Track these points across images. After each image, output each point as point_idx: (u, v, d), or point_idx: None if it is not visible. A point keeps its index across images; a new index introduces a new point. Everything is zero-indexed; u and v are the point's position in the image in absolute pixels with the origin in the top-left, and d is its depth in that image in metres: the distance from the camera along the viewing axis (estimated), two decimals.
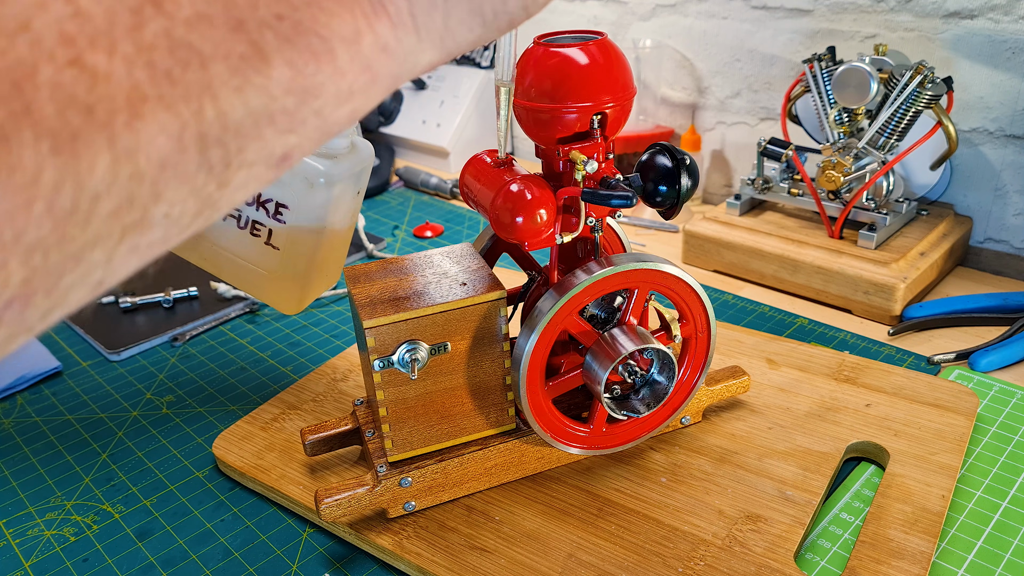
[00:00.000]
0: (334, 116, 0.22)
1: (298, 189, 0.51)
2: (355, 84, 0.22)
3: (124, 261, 0.19)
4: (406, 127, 1.27)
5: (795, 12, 0.90)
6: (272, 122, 0.20)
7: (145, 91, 0.17)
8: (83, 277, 0.18)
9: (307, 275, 0.55)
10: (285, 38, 0.20)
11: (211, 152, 0.19)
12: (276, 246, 0.54)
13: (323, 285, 0.59)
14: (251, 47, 0.19)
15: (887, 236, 0.79)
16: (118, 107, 0.17)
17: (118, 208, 0.18)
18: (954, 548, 0.50)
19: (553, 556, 0.49)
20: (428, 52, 0.25)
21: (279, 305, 0.57)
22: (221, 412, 0.68)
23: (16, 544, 0.55)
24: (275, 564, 0.52)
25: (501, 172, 0.50)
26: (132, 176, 0.17)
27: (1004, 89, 0.78)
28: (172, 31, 0.18)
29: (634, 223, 1.00)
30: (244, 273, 0.56)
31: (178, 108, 0.18)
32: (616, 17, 1.09)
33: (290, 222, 0.52)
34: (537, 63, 0.47)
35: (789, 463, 0.55)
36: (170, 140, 0.18)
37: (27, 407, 0.70)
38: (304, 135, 0.22)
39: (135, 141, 0.17)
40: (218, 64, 0.19)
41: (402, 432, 0.52)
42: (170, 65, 0.18)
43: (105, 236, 0.18)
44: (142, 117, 0.17)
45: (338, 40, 0.21)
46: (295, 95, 0.21)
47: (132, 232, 0.18)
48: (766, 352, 0.68)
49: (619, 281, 0.49)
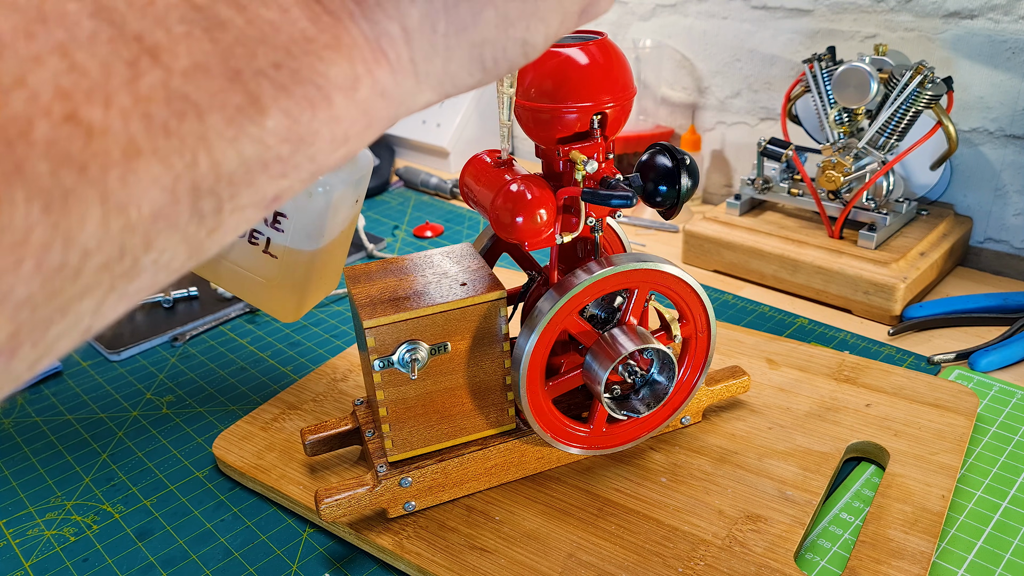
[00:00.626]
0: (328, 160, 0.22)
1: (296, 197, 0.51)
2: (351, 130, 0.22)
3: (113, 308, 0.19)
4: (406, 127, 1.27)
5: (795, 12, 0.90)
6: (266, 169, 0.20)
7: (140, 144, 0.17)
8: (71, 327, 0.18)
9: (305, 283, 0.55)
10: (282, 87, 0.20)
11: (204, 201, 0.19)
12: (274, 254, 0.53)
13: (321, 293, 0.59)
14: (247, 97, 0.19)
15: (887, 236, 0.79)
16: (112, 162, 0.17)
17: (108, 260, 0.17)
18: (954, 548, 0.50)
19: (553, 556, 0.49)
20: (426, 94, 0.25)
21: (277, 313, 0.57)
22: (221, 412, 0.68)
23: (16, 544, 0.55)
24: (275, 564, 0.52)
25: (501, 172, 0.50)
26: (123, 229, 0.17)
27: (1004, 89, 0.78)
28: (169, 82, 0.18)
29: (634, 223, 1.00)
30: (242, 281, 0.56)
31: (172, 161, 0.18)
32: (616, 17, 1.09)
33: (288, 231, 0.52)
34: (537, 63, 0.47)
35: (789, 463, 0.55)
36: (163, 192, 0.18)
37: (27, 407, 0.70)
38: (297, 178, 0.22)
39: (127, 195, 0.17)
40: (214, 115, 0.19)
41: (402, 432, 0.52)
42: (166, 117, 0.18)
43: (94, 287, 0.18)
44: (136, 171, 0.17)
45: (335, 88, 0.21)
46: (290, 143, 0.21)
47: (122, 281, 0.18)
48: (766, 352, 0.68)
49: (619, 281, 0.49)
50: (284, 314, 0.57)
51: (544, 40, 0.27)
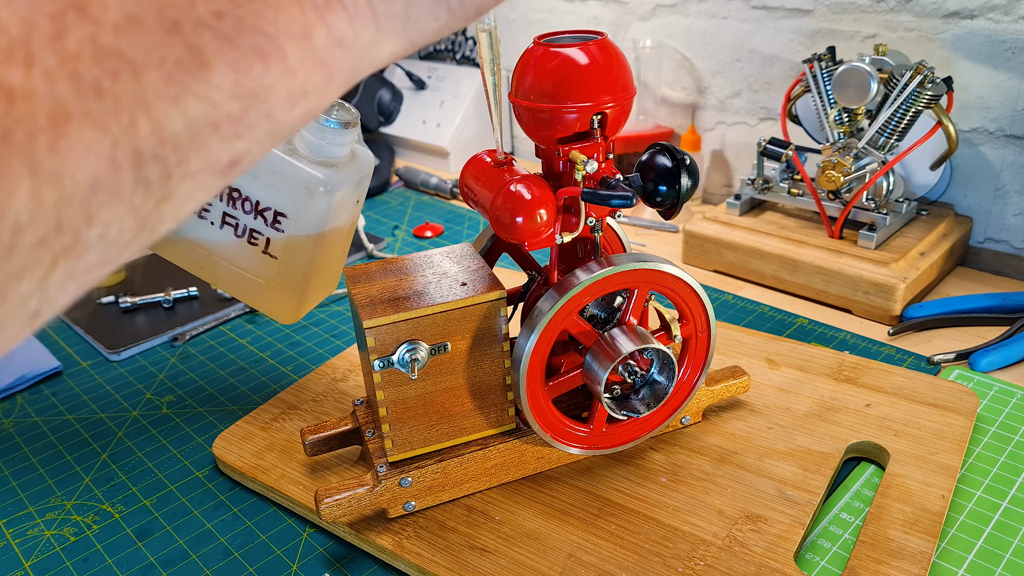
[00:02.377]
0: (287, 118, 0.21)
1: (297, 198, 0.50)
2: (308, 83, 0.21)
3: (61, 288, 0.18)
4: (406, 127, 1.27)
5: (795, 12, 0.90)
6: (216, 130, 0.19)
7: (69, 108, 0.16)
8: (14, 311, 0.17)
9: (305, 284, 0.55)
10: (226, 38, 0.18)
11: (148, 168, 0.17)
12: (274, 255, 0.53)
13: (321, 294, 0.59)
14: (188, 51, 0.18)
15: (887, 236, 0.79)
16: (39, 128, 0.15)
17: (45, 236, 0.16)
18: (954, 548, 0.50)
19: (553, 556, 0.49)
20: (390, 43, 0.23)
21: (276, 314, 0.57)
22: (221, 412, 0.68)
23: (16, 544, 0.55)
24: (275, 564, 0.52)
25: (501, 172, 0.50)
26: (58, 201, 0.16)
27: (1004, 89, 0.78)
28: (98, 37, 0.16)
29: (634, 223, 1.00)
30: (241, 282, 0.55)
31: (107, 124, 0.16)
32: (616, 17, 1.09)
33: (289, 231, 0.52)
34: (537, 63, 0.47)
35: (789, 463, 0.55)
36: (100, 160, 0.16)
37: (27, 407, 0.70)
38: (253, 139, 0.20)
39: (60, 164, 0.16)
40: (151, 72, 0.17)
41: (402, 432, 0.52)
42: (97, 76, 0.16)
43: (33, 266, 0.16)
44: (66, 137, 0.16)
45: (286, 37, 0.19)
46: (240, 100, 0.19)
47: (65, 258, 0.17)
48: (766, 352, 0.68)
49: (619, 281, 0.49)
50: (284, 315, 0.57)
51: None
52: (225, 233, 0.53)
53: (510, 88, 0.49)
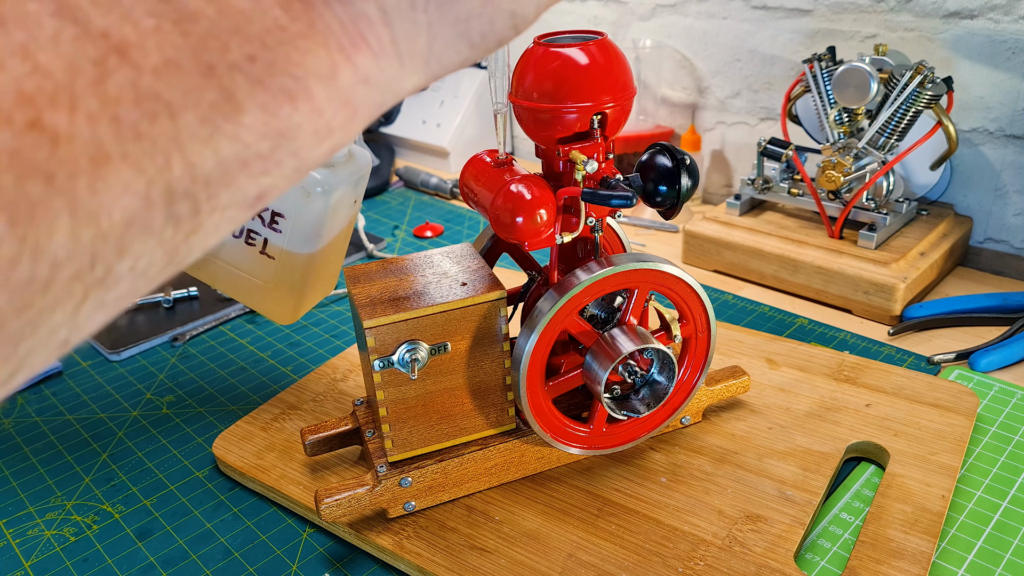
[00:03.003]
0: (313, 155, 0.21)
1: (295, 198, 0.50)
2: (334, 121, 0.21)
3: (90, 317, 0.18)
4: (406, 127, 1.27)
5: (795, 12, 0.90)
6: (245, 168, 0.19)
7: (109, 150, 0.16)
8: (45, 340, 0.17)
9: (303, 285, 0.54)
10: (257, 81, 0.19)
11: (179, 205, 0.18)
12: (272, 255, 0.53)
13: (319, 294, 0.58)
14: (222, 93, 0.18)
15: (887, 236, 0.79)
16: (80, 170, 0.16)
17: (79, 270, 0.17)
18: (954, 548, 0.50)
19: (553, 556, 0.49)
20: (412, 78, 0.24)
21: (274, 315, 0.56)
22: (221, 412, 0.68)
23: (16, 544, 0.55)
24: (275, 564, 0.52)
25: (501, 172, 0.50)
26: (95, 239, 0.17)
27: (1004, 89, 0.78)
28: (139, 82, 0.17)
29: (634, 223, 1.00)
30: (239, 283, 0.55)
31: (143, 164, 0.17)
32: (616, 17, 1.09)
33: (286, 231, 0.52)
34: (537, 63, 0.47)
35: (789, 463, 0.55)
36: (135, 198, 0.17)
37: (27, 407, 0.70)
38: (280, 175, 0.21)
39: (97, 203, 0.16)
40: (187, 114, 0.18)
41: (402, 432, 0.52)
42: (136, 119, 0.17)
43: (66, 298, 0.17)
44: (105, 179, 0.16)
45: (314, 78, 0.20)
46: (270, 139, 0.20)
47: (96, 290, 0.17)
48: (766, 352, 0.68)
49: (619, 281, 0.49)
50: (282, 316, 0.56)
51: (535, 10, 0.26)
52: None
53: (510, 88, 0.49)
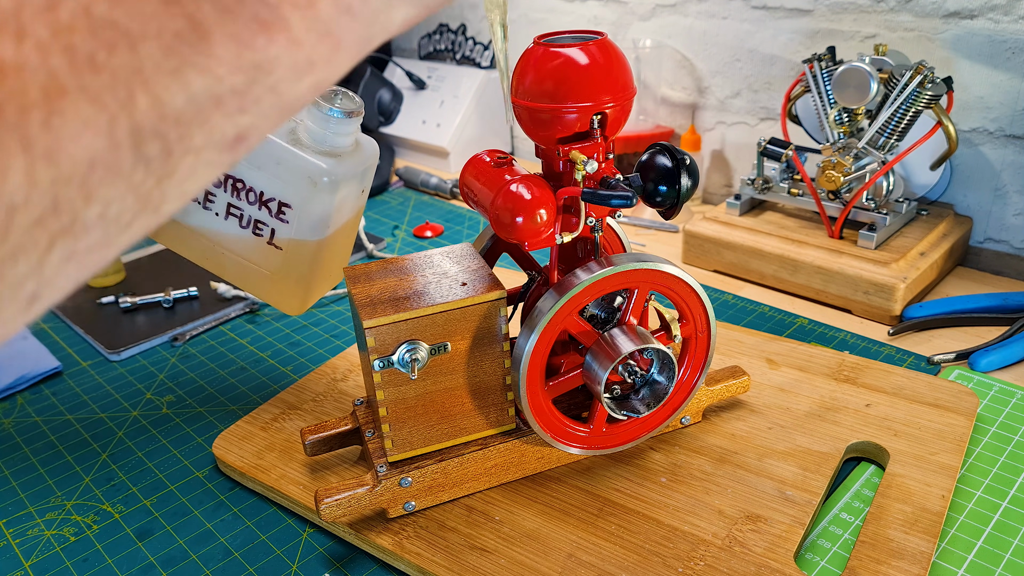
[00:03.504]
0: (294, 91, 0.20)
1: (301, 188, 0.50)
2: (315, 54, 0.20)
3: (60, 270, 0.17)
4: (406, 127, 1.27)
5: (795, 12, 0.90)
6: (219, 105, 0.18)
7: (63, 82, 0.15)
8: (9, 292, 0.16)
9: (310, 276, 0.54)
10: (225, 9, 0.17)
11: (148, 145, 0.17)
12: (279, 246, 0.52)
13: (327, 285, 0.58)
14: (187, 22, 0.17)
15: (887, 236, 0.79)
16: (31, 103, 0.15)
17: (41, 216, 0.16)
18: (954, 548, 0.50)
19: (553, 556, 0.49)
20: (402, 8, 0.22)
21: (282, 306, 0.56)
22: (221, 412, 0.68)
23: (16, 544, 0.55)
24: (275, 564, 0.52)
25: (501, 172, 0.50)
26: (55, 180, 0.15)
27: (1004, 89, 0.78)
28: (92, 8, 0.16)
29: (634, 223, 1.00)
30: (247, 273, 0.55)
31: (104, 99, 0.16)
32: (616, 17, 1.09)
33: (293, 222, 0.51)
34: (537, 63, 0.47)
35: (789, 463, 0.55)
36: (97, 136, 0.16)
37: (27, 407, 0.70)
38: (260, 114, 0.19)
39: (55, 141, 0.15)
40: (149, 44, 0.16)
41: (402, 432, 0.52)
42: (92, 49, 0.15)
43: (29, 247, 0.16)
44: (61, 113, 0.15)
45: (289, 6, 0.19)
46: (244, 73, 0.18)
47: (63, 238, 0.16)
48: (766, 352, 0.68)
49: (619, 281, 0.49)
50: (290, 307, 0.56)
51: None
52: (230, 224, 0.53)
53: (510, 88, 0.49)
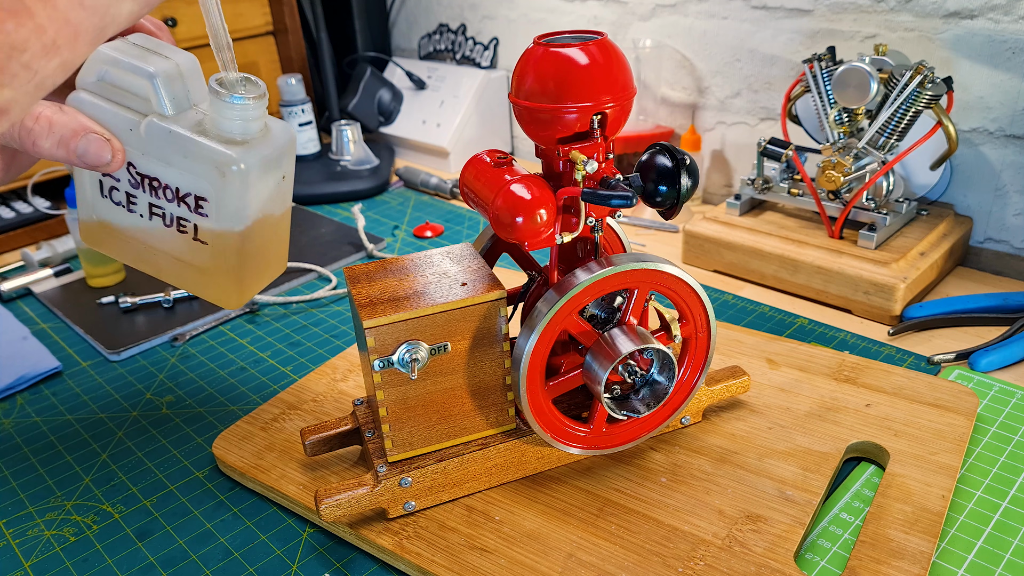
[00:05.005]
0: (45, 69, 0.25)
1: (213, 179, 0.49)
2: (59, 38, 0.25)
3: None
4: (406, 127, 1.27)
5: (795, 12, 0.90)
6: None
7: None
8: None
9: (241, 267, 0.53)
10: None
11: None
12: (204, 241, 0.52)
13: (266, 276, 0.56)
14: None
15: (887, 236, 0.79)
16: None
17: None
18: (954, 548, 0.50)
19: (553, 556, 0.49)
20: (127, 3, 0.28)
21: (219, 300, 0.55)
22: (221, 412, 0.68)
23: (16, 544, 0.55)
24: (275, 564, 0.52)
25: (501, 172, 0.50)
26: None
27: (1004, 89, 0.78)
28: None
29: (634, 223, 1.00)
30: (181, 271, 0.54)
31: None
32: (616, 17, 1.09)
33: (212, 214, 0.50)
34: (537, 63, 0.47)
35: (789, 463, 0.55)
36: None
37: (27, 407, 0.70)
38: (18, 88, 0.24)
39: None
40: None
41: (402, 432, 0.52)
42: None
43: None
44: None
45: None
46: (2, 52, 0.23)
47: None
48: (766, 352, 0.68)
49: (619, 281, 0.49)
50: (227, 301, 0.55)
51: None
52: (155, 223, 0.52)
53: (510, 88, 0.49)
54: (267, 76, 1.28)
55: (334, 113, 1.29)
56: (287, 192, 0.55)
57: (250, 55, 1.26)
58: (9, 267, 0.98)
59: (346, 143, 1.21)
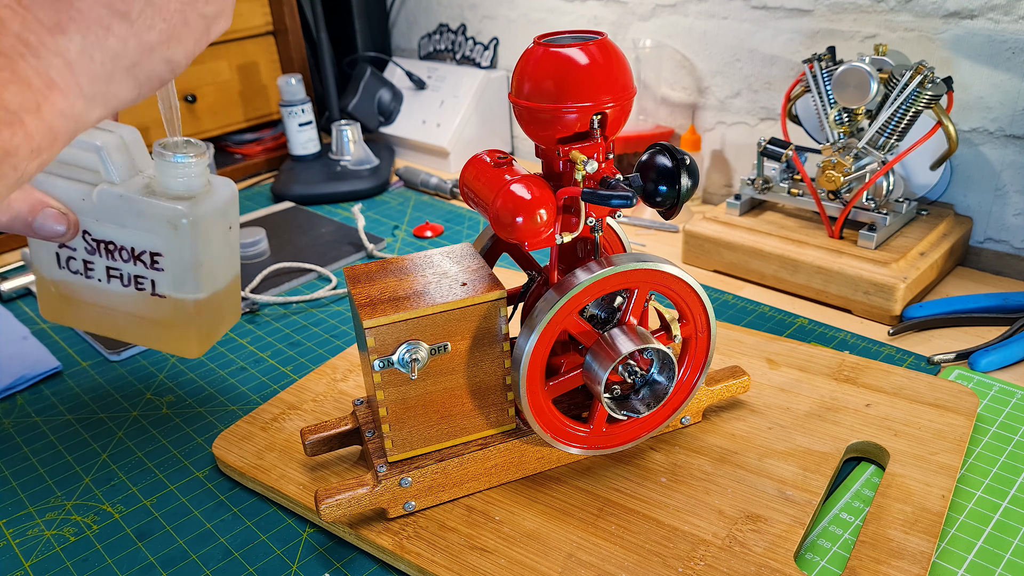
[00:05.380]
0: (28, 168, 0.30)
1: (165, 234, 0.52)
2: (42, 144, 0.30)
3: None
4: (406, 127, 1.27)
5: (795, 12, 0.90)
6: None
7: None
8: None
9: (199, 317, 0.56)
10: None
11: None
12: (163, 295, 0.54)
13: (224, 324, 0.59)
14: None
15: (887, 236, 0.79)
16: None
17: None
18: (954, 548, 0.50)
19: (553, 556, 0.49)
20: (96, 111, 0.32)
21: (182, 351, 0.57)
22: (221, 412, 0.68)
23: (16, 544, 0.55)
24: (275, 564, 0.52)
25: (501, 172, 0.50)
26: None
27: (1004, 89, 0.78)
28: None
29: (634, 223, 1.00)
30: (142, 328, 0.57)
31: None
32: (616, 17, 1.09)
33: (168, 268, 0.53)
34: (537, 63, 0.47)
35: (789, 463, 0.55)
36: None
37: (27, 407, 0.70)
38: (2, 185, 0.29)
39: None
40: None
41: (402, 432, 0.52)
42: None
43: None
44: None
45: (25, 112, 0.29)
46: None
47: None
48: (766, 352, 0.68)
49: (619, 281, 0.49)
50: (190, 351, 0.57)
51: (185, 58, 0.35)
52: (114, 285, 0.56)
53: (510, 88, 0.49)
54: (267, 76, 1.28)
55: (334, 113, 1.29)
56: (235, 243, 0.58)
57: (250, 55, 1.26)
58: (9, 267, 0.98)
59: (346, 143, 1.21)
